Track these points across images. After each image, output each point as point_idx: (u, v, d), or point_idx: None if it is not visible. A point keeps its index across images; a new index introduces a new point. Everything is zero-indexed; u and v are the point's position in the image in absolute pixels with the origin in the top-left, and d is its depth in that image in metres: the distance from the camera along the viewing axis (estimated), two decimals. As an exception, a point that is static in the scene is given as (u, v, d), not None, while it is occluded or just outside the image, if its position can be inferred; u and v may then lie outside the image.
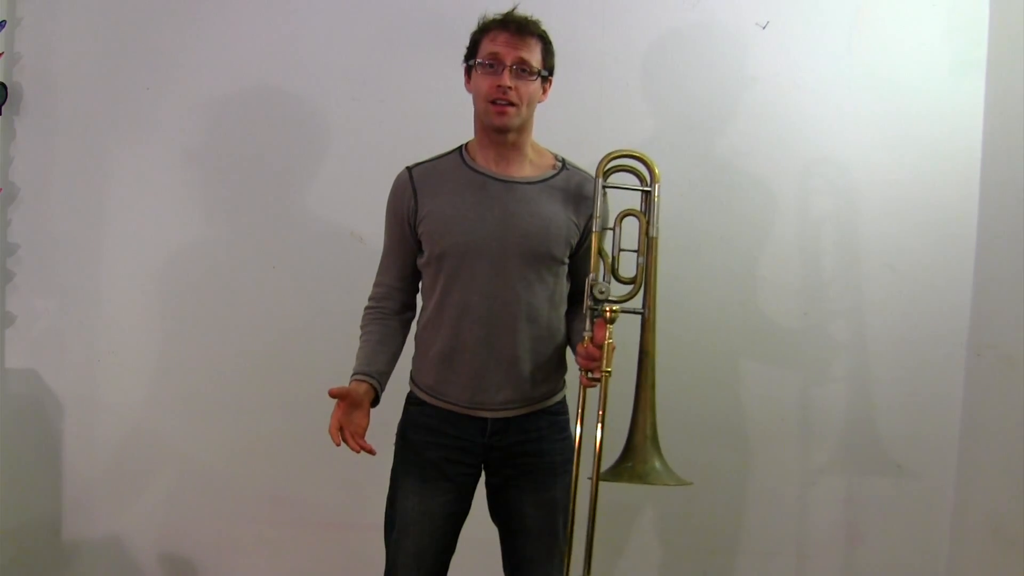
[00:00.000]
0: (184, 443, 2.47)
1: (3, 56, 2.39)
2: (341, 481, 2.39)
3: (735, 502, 2.40)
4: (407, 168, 1.78)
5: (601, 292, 1.64)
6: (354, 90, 2.38)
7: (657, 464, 1.63)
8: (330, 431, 1.65)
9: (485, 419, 1.73)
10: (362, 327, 1.82)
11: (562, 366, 1.79)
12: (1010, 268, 2.18)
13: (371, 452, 1.66)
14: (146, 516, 2.50)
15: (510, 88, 1.64)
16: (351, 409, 1.68)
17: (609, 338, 1.60)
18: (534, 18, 1.70)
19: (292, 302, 2.42)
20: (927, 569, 2.38)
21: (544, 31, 1.72)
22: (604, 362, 1.59)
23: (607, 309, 1.61)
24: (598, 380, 1.61)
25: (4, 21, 2.38)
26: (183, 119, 2.42)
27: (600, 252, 1.67)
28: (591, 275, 1.65)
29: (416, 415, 1.79)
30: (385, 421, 1.81)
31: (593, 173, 1.78)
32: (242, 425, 2.44)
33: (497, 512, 1.81)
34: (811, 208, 2.34)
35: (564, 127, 2.25)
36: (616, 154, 1.70)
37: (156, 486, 2.49)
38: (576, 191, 1.74)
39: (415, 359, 1.82)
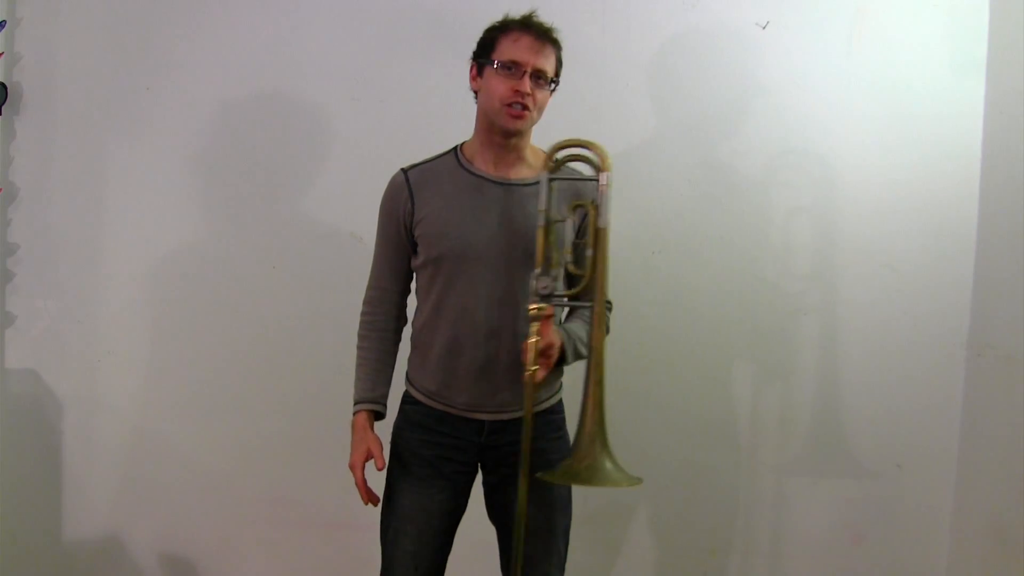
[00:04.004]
0: (184, 443, 2.47)
1: (3, 56, 2.39)
2: (341, 481, 2.37)
3: (735, 502, 2.40)
4: (402, 170, 1.78)
5: (544, 288, 1.61)
6: (354, 90, 2.38)
7: (605, 464, 1.54)
8: (359, 488, 1.72)
9: (482, 421, 1.73)
10: (360, 336, 1.82)
11: (559, 367, 1.79)
12: (1010, 268, 2.18)
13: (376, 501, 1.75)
14: (146, 516, 2.50)
15: (529, 95, 1.64)
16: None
17: (532, 336, 1.58)
18: (553, 25, 1.70)
19: (292, 302, 2.42)
20: (927, 569, 2.37)
21: (559, 40, 1.71)
22: (529, 359, 1.58)
23: (530, 307, 1.57)
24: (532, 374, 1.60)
25: (4, 21, 2.38)
26: (183, 119, 2.42)
27: (548, 246, 1.62)
28: (536, 270, 1.62)
29: (412, 414, 1.79)
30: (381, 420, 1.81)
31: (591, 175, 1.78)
32: (242, 425, 2.45)
33: (495, 511, 1.81)
34: (810, 208, 2.34)
35: (564, 127, 2.23)
36: (565, 143, 1.65)
37: (156, 486, 2.49)
38: (574, 191, 1.73)
39: (411, 359, 1.82)
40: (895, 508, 2.37)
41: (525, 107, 1.65)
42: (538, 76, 1.66)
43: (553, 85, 1.70)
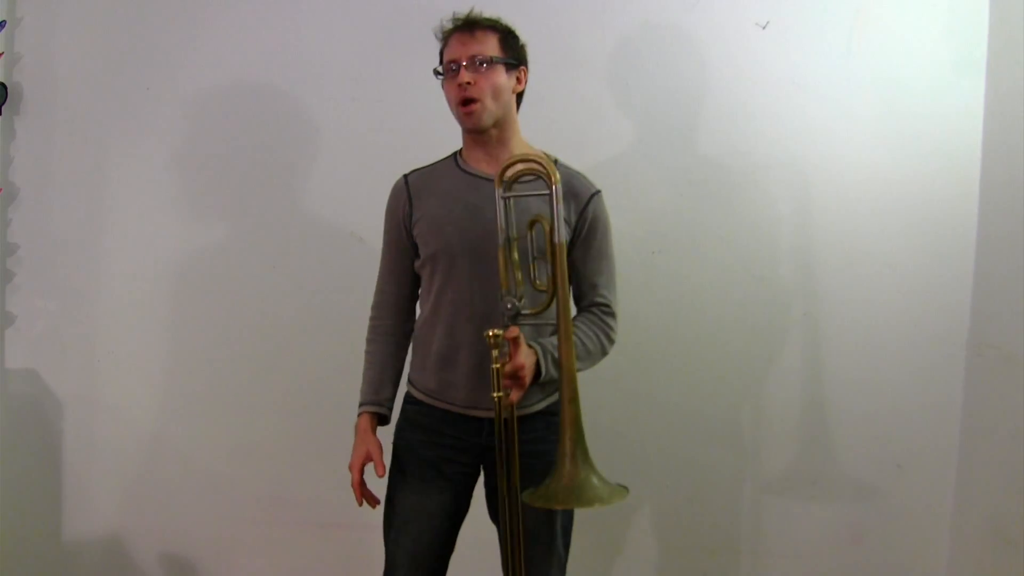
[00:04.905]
0: (184, 443, 2.47)
1: (3, 56, 2.39)
2: (341, 481, 2.39)
3: (735, 502, 2.40)
4: (403, 175, 1.80)
5: (509, 309, 1.58)
6: (354, 90, 2.38)
7: (588, 481, 1.47)
8: (354, 488, 1.74)
9: (481, 420, 1.73)
10: (367, 340, 1.84)
11: (537, 383, 1.72)
12: (1010, 268, 2.18)
13: (374, 503, 1.76)
14: (146, 516, 2.50)
15: (469, 83, 1.65)
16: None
17: (495, 362, 1.54)
18: (487, 16, 1.71)
19: (292, 302, 2.42)
20: (927, 569, 2.37)
21: (500, 24, 1.71)
22: (493, 384, 1.55)
23: (488, 334, 1.52)
24: (503, 397, 1.56)
25: (4, 21, 2.38)
26: (183, 119, 2.43)
27: (511, 265, 1.60)
28: (502, 290, 1.59)
29: (413, 414, 1.80)
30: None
31: (589, 176, 1.78)
32: (242, 425, 2.45)
33: (495, 513, 1.81)
34: (810, 207, 2.34)
35: (564, 127, 2.26)
36: (511, 161, 1.59)
37: (156, 486, 2.49)
38: (568, 189, 1.70)
39: (412, 359, 1.83)
40: (895, 508, 2.37)
41: (473, 99, 1.65)
42: (478, 62, 1.66)
43: (506, 64, 1.68)
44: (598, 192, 1.77)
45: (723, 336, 2.36)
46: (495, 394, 1.56)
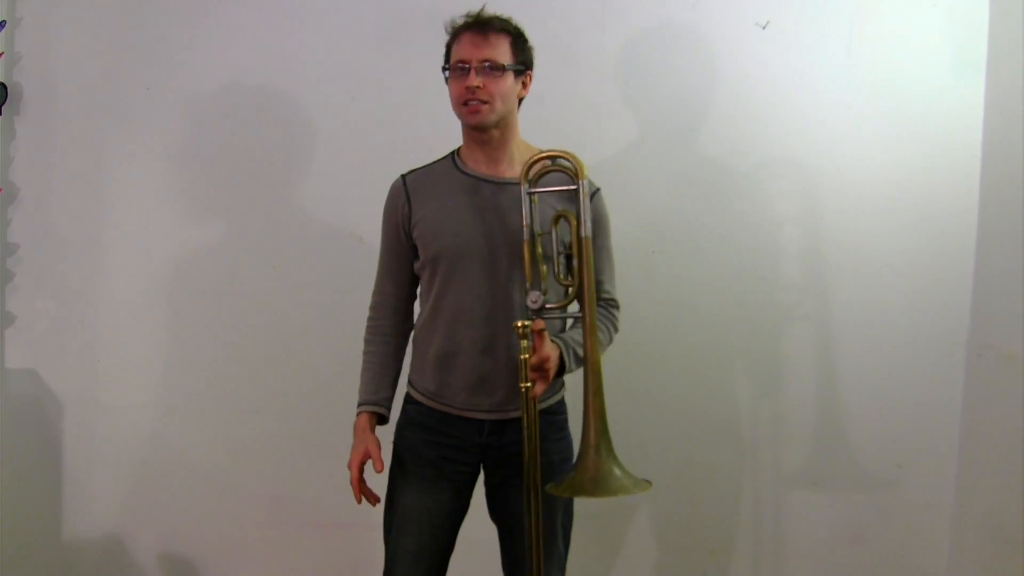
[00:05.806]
0: (184, 443, 2.47)
1: (3, 56, 2.39)
2: (342, 481, 2.39)
3: (735, 502, 2.40)
4: (401, 176, 1.80)
5: (534, 302, 1.60)
6: (354, 90, 2.38)
7: (612, 472, 1.52)
8: (353, 486, 1.72)
9: (482, 420, 1.73)
10: (365, 341, 1.84)
11: (561, 375, 1.76)
12: (1010, 268, 2.18)
13: (374, 500, 1.75)
14: (146, 516, 2.50)
15: (478, 87, 1.64)
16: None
17: (523, 353, 1.57)
18: (502, 16, 1.70)
19: (292, 302, 2.42)
20: (927, 569, 2.38)
21: (512, 26, 1.70)
22: (521, 375, 1.58)
23: (516, 325, 1.57)
24: (528, 389, 1.59)
25: (4, 21, 2.38)
26: (183, 119, 2.42)
27: (536, 259, 1.62)
28: (526, 284, 1.62)
29: (413, 414, 1.80)
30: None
31: (589, 175, 1.78)
32: (242, 425, 2.45)
33: (496, 511, 1.82)
34: (810, 207, 2.34)
35: (564, 127, 2.25)
36: (539, 156, 1.64)
37: (156, 486, 2.49)
38: (559, 202, 1.71)
39: (413, 360, 1.83)
40: (895, 508, 2.37)
41: (481, 100, 1.65)
42: (488, 67, 1.65)
43: (514, 71, 1.68)
44: (598, 190, 1.78)
45: (723, 336, 2.36)
46: (523, 384, 1.58)
